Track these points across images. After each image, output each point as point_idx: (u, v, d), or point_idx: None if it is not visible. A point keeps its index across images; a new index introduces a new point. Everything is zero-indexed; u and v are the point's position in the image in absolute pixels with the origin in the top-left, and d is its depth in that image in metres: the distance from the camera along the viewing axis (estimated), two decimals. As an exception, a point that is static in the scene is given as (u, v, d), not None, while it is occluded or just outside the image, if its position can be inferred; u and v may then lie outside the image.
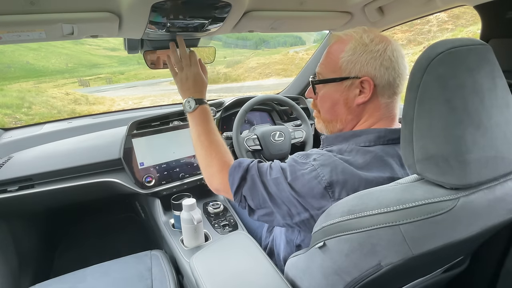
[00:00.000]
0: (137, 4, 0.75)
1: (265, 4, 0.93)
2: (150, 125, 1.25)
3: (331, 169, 0.56)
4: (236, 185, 0.66)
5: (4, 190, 1.05)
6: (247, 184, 0.66)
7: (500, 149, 0.45)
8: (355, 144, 0.61)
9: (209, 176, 0.77)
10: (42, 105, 10.29)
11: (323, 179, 0.56)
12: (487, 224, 0.47)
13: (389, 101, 0.63)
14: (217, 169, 0.73)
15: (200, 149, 0.78)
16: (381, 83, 0.61)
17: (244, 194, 0.66)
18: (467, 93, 0.43)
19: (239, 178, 0.66)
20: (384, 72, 0.60)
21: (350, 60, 0.62)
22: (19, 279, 1.21)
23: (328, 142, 0.68)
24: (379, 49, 0.60)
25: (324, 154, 0.60)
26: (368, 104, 0.63)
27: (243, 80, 14.79)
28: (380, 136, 0.61)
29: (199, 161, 0.79)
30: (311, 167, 0.58)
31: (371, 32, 0.63)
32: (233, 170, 0.68)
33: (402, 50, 0.63)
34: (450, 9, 0.99)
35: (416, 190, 0.46)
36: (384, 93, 0.62)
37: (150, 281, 0.92)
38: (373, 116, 0.64)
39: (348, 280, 0.51)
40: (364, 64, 0.61)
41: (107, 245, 1.61)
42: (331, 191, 0.55)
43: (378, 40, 0.61)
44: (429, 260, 0.53)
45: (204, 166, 0.78)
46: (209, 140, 0.78)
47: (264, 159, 1.32)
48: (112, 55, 26.69)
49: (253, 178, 0.65)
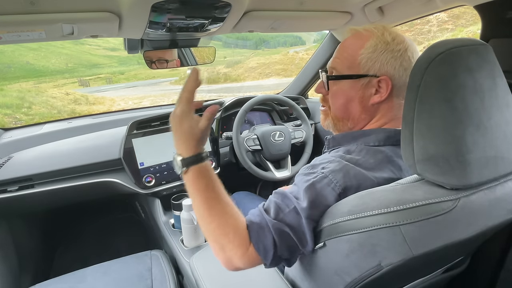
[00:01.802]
0: (137, 4, 0.75)
1: (265, 4, 0.93)
2: (150, 125, 1.25)
3: (344, 175, 0.53)
4: (272, 252, 0.52)
5: (4, 190, 1.05)
6: (279, 241, 0.52)
7: (500, 149, 0.45)
8: (364, 144, 0.59)
9: (225, 259, 0.55)
10: (42, 105, 10.29)
11: (337, 185, 0.52)
12: (487, 224, 0.47)
13: (403, 102, 0.62)
14: (234, 245, 0.54)
15: (205, 227, 0.57)
16: (399, 83, 0.59)
17: (280, 254, 0.53)
18: (468, 93, 0.43)
19: (271, 243, 0.52)
20: (402, 73, 0.59)
21: (370, 57, 0.60)
22: (19, 279, 1.21)
23: (335, 142, 0.65)
24: (400, 48, 0.59)
25: (332, 160, 0.56)
26: (383, 104, 0.61)
27: (243, 80, 14.78)
28: (390, 136, 0.59)
29: (206, 238, 0.59)
30: (321, 175, 0.54)
31: (392, 30, 0.61)
32: (257, 237, 0.53)
33: (418, 50, 0.61)
34: (450, 9, 0.99)
35: (416, 191, 0.46)
36: (400, 94, 0.60)
37: (150, 281, 0.92)
38: (385, 117, 0.62)
39: (348, 280, 0.51)
40: (384, 63, 0.59)
41: (107, 245, 1.61)
42: (344, 196, 0.53)
43: (400, 40, 0.59)
44: (429, 261, 0.53)
45: (217, 249, 0.56)
46: (214, 214, 0.56)
47: (264, 159, 1.32)
48: (112, 55, 26.69)
49: (280, 230, 0.53)
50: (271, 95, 1.46)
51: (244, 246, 0.53)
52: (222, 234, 0.54)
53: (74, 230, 1.67)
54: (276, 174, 1.28)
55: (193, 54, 1.20)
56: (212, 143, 1.35)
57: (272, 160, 1.33)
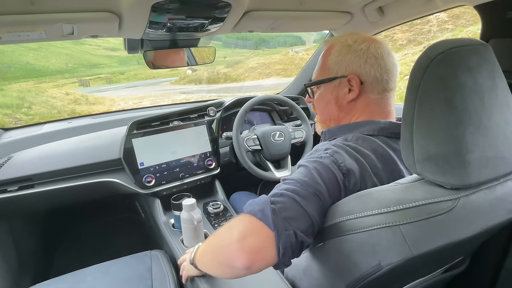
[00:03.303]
0: (137, 4, 0.75)
1: (265, 4, 0.93)
2: (150, 125, 1.25)
3: (346, 157, 0.55)
4: (271, 217, 0.48)
5: (4, 190, 1.05)
6: (280, 209, 0.49)
7: (500, 149, 0.45)
8: (360, 133, 0.62)
9: (231, 255, 0.51)
10: (42, 105, 10.28)
11: (341, 165, 0.54)
12: (487, 224, 0.47)
13: (379, 97, 0.64)
14: (236, 239, 0.50)
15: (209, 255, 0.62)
16: (368, 79, 0.63)
17: (285, 227, 0.48)
18: (467, 93, 0.43)
19: (270, 211, 0.49)
20: (369, 69, 0.63)
21: (336, 60, 0.66)
22: (19, 279, 1.21)
23: (331, 134, 0.68)
24: (362, 48, 0.63)
25: (334, 144, 0.59)
26: (358, 101, 0.65)
27: (243, 80, 14.78)
28: (384, 128, 0.62)
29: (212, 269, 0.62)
30: (325, 155, 0.56)
31: (355, 34, 0.66)
32: (253, 207, 0.51)
33: (388, 47, 0.65)
34: (450, 9, 0.99)
35: (416, 190, 0.46)
36: (373, 89, 0.64)
37: (150, 281, 0.92)
38: (365, 112, 0.65)
39: (348, 280, 0.51)
40: (349, 63, 0.64)
41: (107, 245, 1.61)
42: (347, 180, 0.54)
43: (361, 40, 0.64)
44: (429, 260, 0.53)
45: (220, 263, 0.57)
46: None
47: (264, 159, 1.32)
48: (112, 55, 26.69)
49: (280, 200, 0.51)
50: (271, 95, 1.46)
51: (247, 238, 0.49)
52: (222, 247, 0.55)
53: (74, 230, 1.67)
54: (276, 174, 1.28)
55: (193, 54, 1.20)
56: (212, 143, 1.35)
57: (272, 160, 1.33)
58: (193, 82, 15.51)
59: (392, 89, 0.65)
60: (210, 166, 1.33)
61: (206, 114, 1.39)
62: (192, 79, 15.77)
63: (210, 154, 1.34)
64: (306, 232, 0.49)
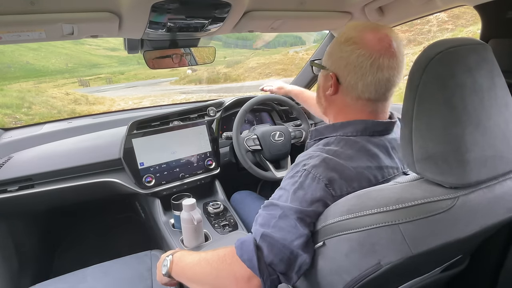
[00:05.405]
0: (137, 4, 0.75)
1: (265, 4, 0.93)
2: (150, 125, 1.25)
3: (324, 168, 0.57)
4: (255, 258, 0.54)
5: (4, 190, 1.05)
6: (267, 248, 0.55)
7: (499, 148, 0.45)
8: (342, 134, 0.64)
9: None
10: (42, 105, 10.28)
11: (320, 178, 0.56)
12: (486, 223, 0.47)
13: (353, 103, 0.64)
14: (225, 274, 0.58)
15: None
16: (345, 83, 0.63)
17: (270, 262, 0.54)
18: (466, 92, 0.43)
19: (253, 249, 0.55)
20: (347, 73, 0.62)
21: (328, 52, 0.67)
22: (19, 279, 1.21)
23: (317, 133, 0.69)
24: (347, 50, 0.62)
25: (312, 155, 0.60)
26: (337, 99, 0.66)
27: (243, 80, 14.77)
28: (366, 127, 0.62)
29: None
30: (304, 172, 0.58)
31: (349, 34, 0.63)
32: (241, 249, 0.57)
33: (377, 58, 0.59)
34: (450, 9, 0.99)
35: (415, 189, 0.46)
36: (348, 94, 0.64)
37: (150, 281, 0.92)
38: (343, 112, 0.66)
39: (347, 279, 0.51)
40: (334, 60, 0.65)
41: (107, 245, 1.61)
42: (332, 188, 0.55)
43: (351, 42, 0.61)
44: (429, 259, 0.53)
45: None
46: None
47: (264, 159, 1.32)
48: (112, 55, 26.67)
49: (267, 236, 0.55)
50: (271, 95, 1.47)
51: (234, 268, 0.57)
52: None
53: (74, 230, 1.67)
54: (276, 174, 1.28)
55: (193, 54, 1.20)
56: (212, 143, 1.35)
57: (272, 160, 1.33)
58: (193, 82, 15.51)
59: (370, 99, 0.62)
60: (210, 166, 1.33)
61: (206, 114, 1.39)
62: (192, 79, 15.77)
63: (210, 154, 1.34)
64: (292, 265, 0.55)
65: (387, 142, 0.63)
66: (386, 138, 0.64)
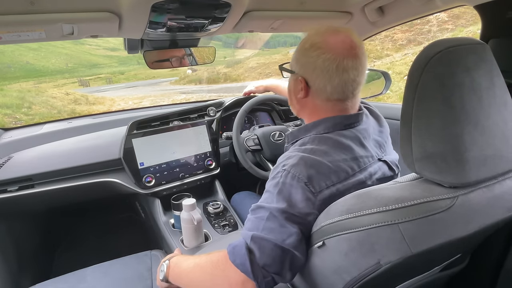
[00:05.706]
0: (137, 4, 0.75)
1: (265, 4, 0.93)
2: (150, 125, 1.25)
3: (303, 166, 0.59)
4: (248, 262, 0.55)
5: (4, 190, 1.05)
6: (258, 251, 0.55)
7: (499, 147, 0.45)
8: (316, 133, 0.66)
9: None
10: (42, 105, 10.28)
11: (300, 177, 0.57)
12: (485, 222, 0.47)
13: (323, 104, 0.67)
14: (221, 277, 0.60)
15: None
16: (314, 86, 0.66)
17: (263, 264, 0.55)
18: (465, 92, 0.43)
19: (246, 253, 0.55)
20: (316, 77, 0.65)
21: (295, 57, 0.69)
22: (19, 279, 1.21)
23: (293, 136, 0.72)
24: (313, 55, 0.64)
25: (290, 156, 0.62)
26: (308, 101, 0.69)
27: (243, 80, 14.77)
28: (336, 123, 0.65)
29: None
30: (284, 172, 0.59)
31: (314, 39, 0.65)
32: (233, 253, 0.57)
33: (341, 60, 0.62)
34: (450, 9, 0.99)
35: (414, 189, 0.46)
36: (318, 96, 0.67)
37: (150, 281, 0.92)
38: (315, 112, 0.69)
39: (347, 279, 0.51)
40: (302, 65, 0.67)
41: (107, 245, 1.61)
42: (311, 186, 0.57)
43: (316, 47, 0.64)
44: (428, 258, 0.53)
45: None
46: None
47: (264, 159, 1.32)
48: (112, 55, 26.67)
49: (258, 238, 0.56)
50: (271, 95, 1.47)
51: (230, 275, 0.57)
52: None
53: (74, 230, 1.67)
54: (276, 174, 1.28)
55: (193, 54, 1.20)
56: (212, 143, 1.35)
57: (272, 160, 1.32)
58: (193, 82, 15.51)
59: (339, 99, 0.66)
60: (210, 166, 1.33)
61: (206, 114, 1.39)
62: (192, 79, 15.77)
63: (210, 154, 1.34)
64: (285, 264, 0.55)
65: (358, 133, 0.66)
66: (357, 130, 0.66)
